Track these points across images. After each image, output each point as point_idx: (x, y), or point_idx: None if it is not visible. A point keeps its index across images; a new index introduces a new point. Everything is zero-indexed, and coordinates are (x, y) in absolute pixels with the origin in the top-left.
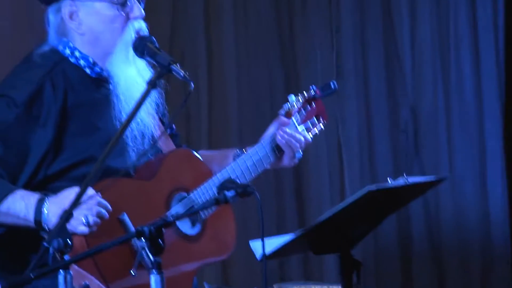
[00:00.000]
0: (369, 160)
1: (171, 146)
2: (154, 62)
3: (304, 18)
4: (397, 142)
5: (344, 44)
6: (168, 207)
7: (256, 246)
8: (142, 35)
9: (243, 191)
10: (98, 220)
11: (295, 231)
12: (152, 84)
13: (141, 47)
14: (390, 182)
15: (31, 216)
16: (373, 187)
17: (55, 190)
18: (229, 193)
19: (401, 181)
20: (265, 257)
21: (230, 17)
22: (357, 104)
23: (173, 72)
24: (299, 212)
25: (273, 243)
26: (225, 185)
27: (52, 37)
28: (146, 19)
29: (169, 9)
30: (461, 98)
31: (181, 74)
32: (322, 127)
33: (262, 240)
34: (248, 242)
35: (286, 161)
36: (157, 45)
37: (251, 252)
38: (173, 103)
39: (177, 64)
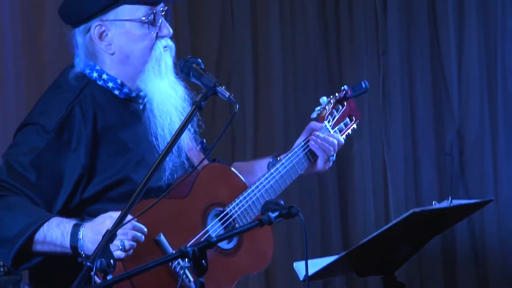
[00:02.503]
0: (414, 182)
1: (204, 160)
2: (200, 83)
3: (351, 41)
4: (443, 165)
5: (390, 67)
6: (204, 223)
7: (299, 267)
8: (187, 57)
9: (287, 212)
10: (134, 244)
11: (340, 253)
12: (197, 105)
13: (186, 69)
14: (434, 204)
15: (67, 242)
16: (417, 209)
17: (93, 213)
18: (273, 214)
19: (445, 203)
20: (307, 277)
21: (278, 39)
22: (402, 126)
23: (218, 94)
24: (344, 235)
25: (317, 264)
26: (269, 206)
27: (80, 59)
28: (194, 43)
29: (217, 33)
30: (507, 121)
31: (226, 95)
32: (355, 126)
33: (306, 261)
34: (292, 264)
35: (320, 165)
36: (202, 67)
37: (295, 274)
38: (219, 125)
39: (223, 85)
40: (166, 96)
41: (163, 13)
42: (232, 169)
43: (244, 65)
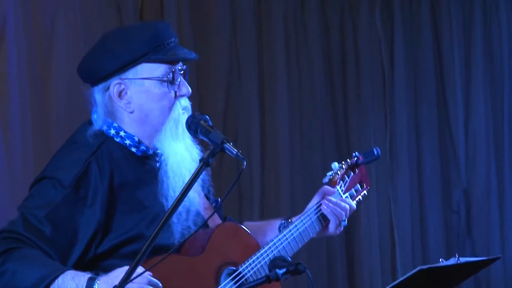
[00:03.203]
0: (421, 239)
1: (217, 219)
2: (207, 140)
3: (358, 99)
4: (449, 223)
5: (397, 125)
6: (217, 282)
7: None
8: (195, 114)
9: (295, 269)
10: None
11: None
12: (205, 162)
13: (194, 125)
14: (441, 261)
15: None
16: (424, 266)
17: (106, 268)
18: (281, 271)
19: (452, 260)
20: None
21: (285, 96)
22: (409, 184)
23: (226, 151)
24: None
25: None
26: (276, 263)
27: (99, 116)
28: (201, 97)
29: (224, 87)
30: None
31: (234, 152)
32: (366, 193)
33: None
34: None
35: (332, 229)
36: (210, 123)
37: None
38: (226, 181)
39: (231, 142)
40: (181, 159)
41: (181, 72)
42: (245, 228)
43: (251, 122)
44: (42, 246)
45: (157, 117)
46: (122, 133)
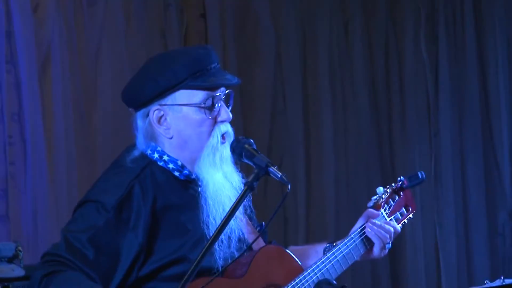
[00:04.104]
0: (466, 262)
1: (261, 243)
2: (252, 164)
3: (403, 123)
4: (495, 245)
5: (442, 150)
6: None
7: None
8: (239, 137)
9: None
10: None
11: None
12: (249, 186)
13: (238, 149)
14: (486, 283)
15: None
16: None
17: None
18: None
19: (498, 282)
20: None
21: (329, 120)
22: (454, 207)
23: (271, 174)
24: None
25: None
26: (321, 286)
27: (140, 141)
28: (246, 121)
29: (269, 111)
30: None
31: (278, 175)
32: (411, 216)
33: None
34: None
35: (376, 252)
36: (255, 147)
37: None
38: (271, 205)
39: (275, 166)
40: (220, 186)
41: (223, 97)
42: (288, 251)
43: (296, 148)
44: (85, 269)
45: (195, 143)
46: (165, 157)
